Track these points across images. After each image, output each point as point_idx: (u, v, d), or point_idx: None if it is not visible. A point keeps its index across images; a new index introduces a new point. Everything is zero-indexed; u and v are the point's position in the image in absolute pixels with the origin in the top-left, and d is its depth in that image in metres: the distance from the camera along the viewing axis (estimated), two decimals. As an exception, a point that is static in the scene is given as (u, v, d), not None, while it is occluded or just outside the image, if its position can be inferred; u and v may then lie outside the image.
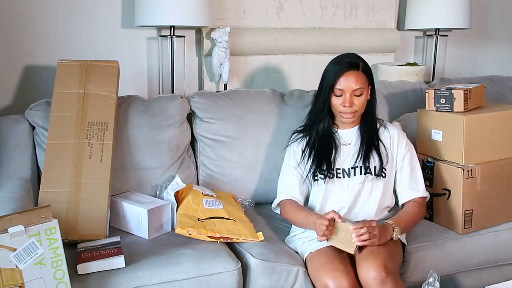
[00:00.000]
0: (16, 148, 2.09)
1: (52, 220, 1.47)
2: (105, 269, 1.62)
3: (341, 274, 1.65)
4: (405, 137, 1.99)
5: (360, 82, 1.84)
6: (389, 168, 1.93)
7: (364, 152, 1.90)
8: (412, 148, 2.00)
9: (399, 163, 1.95)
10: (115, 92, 2.04)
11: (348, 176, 1.91)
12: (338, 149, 1.92)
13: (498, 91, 2.87)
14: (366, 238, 1.68)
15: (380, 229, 1.72)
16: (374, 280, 1.61)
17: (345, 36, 2.88)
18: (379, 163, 1.90)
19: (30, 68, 2.40)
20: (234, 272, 1.72)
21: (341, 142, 1.94)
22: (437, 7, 2.86)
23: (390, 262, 1.67)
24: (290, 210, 1.92)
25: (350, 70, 1.84)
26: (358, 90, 1.84)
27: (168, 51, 2.52)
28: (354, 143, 1.93)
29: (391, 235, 1.76)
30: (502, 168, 2.10)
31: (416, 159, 1.99)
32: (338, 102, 1.87)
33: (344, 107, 1.86)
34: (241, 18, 2.69)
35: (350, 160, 1.92)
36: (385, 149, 1.93)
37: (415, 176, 1.97)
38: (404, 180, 1.96)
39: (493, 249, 2.08)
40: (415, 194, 1.95)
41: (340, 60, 1.89)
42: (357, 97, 1.85)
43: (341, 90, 1.84)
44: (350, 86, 1.83)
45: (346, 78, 1.83)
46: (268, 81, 2.76)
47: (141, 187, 2.14)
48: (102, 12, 2.47)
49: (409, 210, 1.91)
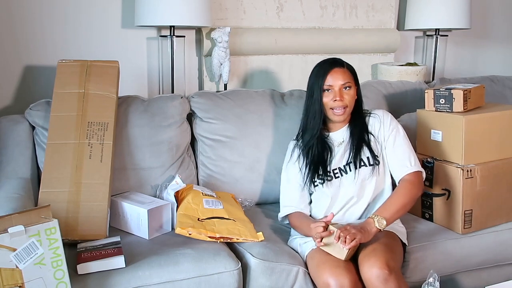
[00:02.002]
0: (16, 148, 2.10)
1: (52, 220, 1.47)
2: (105, 269, 1.62)
3: (342, 271, 1.65)
4: (389, 116, 2.00)
5: (347, 77, 1.91)
6: (380, 153, 1.96)
7: (355, 148, 1.93)
8: (398, 126, 1.99)
9: (384, 142, 1.96)
10: (115, 92, 2.04)
11: (345, 173, 1.93)
12: (332, 152, 1.96)
13: (498, 91, 2.87)
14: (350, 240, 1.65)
15: (357, 227, 1.71)
16: (377, 278, 1.61)
17: (345, 36, 2.88)
18: (370, 154, 1.93)
19: (30, 68, 2.40)
20: (234, 272, 1.72)
21: (335, 143, 1.98)
22: (437, 7, 2.86)
23: (392, 260, 1.67)
24: (296, 221, 1.94)
25: (336, 67, 1.91)
26: (346, 84, 1.90)
27: (168, 51, 2.52)
28: (346, 141, 1.97)
29: (373, 226, 1.74)
30: (502, 168, 2.10)
31: (402, 136, 1.97)
32: (329, 98, 1.91)
33: (335, 102, 1.90)
34: (241, 18, 2.69)
35: (344, 158, 1.95)
36: (374, 139, 1.96)
37: (402, 151, 1.94)
38: (391, 157, 1.95)
39: (493, 249, 2.08)
40: (405, 170, 1.91)
41: (324, 61, 1.97)
42: (346, 91, 1.91)
43: (330, 86, 1.90)
44: (338, 82, 1.90)
45: (333, 75, 1.90)
46: (268, 81, 2.76)
47: (141, 187, 2.14)
48: (102, 12, 2.47)
49: (395, 194, 1.87)
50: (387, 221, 1.76)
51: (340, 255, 1.69)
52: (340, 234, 1.67)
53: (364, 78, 2.92)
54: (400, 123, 2.02)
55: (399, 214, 1.84)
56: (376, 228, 1.74)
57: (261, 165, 2.28)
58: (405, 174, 1.91)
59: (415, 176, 1.92)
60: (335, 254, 1.70)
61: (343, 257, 1.69)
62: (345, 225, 1.74)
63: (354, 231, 1.68)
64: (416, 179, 1.92)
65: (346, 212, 1.93)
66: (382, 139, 1.97)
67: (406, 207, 1.86)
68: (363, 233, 1.70)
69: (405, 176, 1.91)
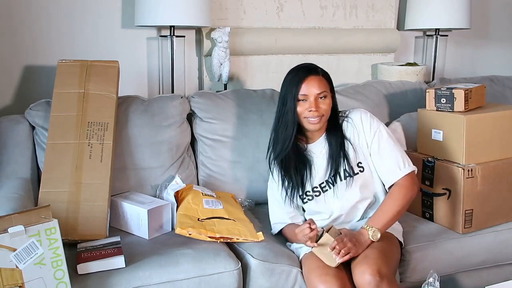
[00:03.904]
0: (16, 148, 2.09)
1: (52, 220, 1.47)
2: (105, 269, 1.62)
3: (331, 278, 1.65)
4: (367, 118, 1.88)
5: (323, 85, 1.81)
6: (364, 159, 1.88)
7: (334, 162, 1.87)
8: (380, 126, 1.88)
9: (368, 149, 1.88)
10: (115, 92, 2.04)
11: (332, 185, 1.89)
12: (312, 166, 1.90)
13: (498, 91, 2.87)
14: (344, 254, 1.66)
15: (352, 239, 1.70)
16: (369, 285, 1.60)
17: (345, 36, 2.88)
18: (347, 165, 1.86)
19: (30, 68, 2.40)
20: (234, 272, 1.72)
21: (315, 155, 1.91)
22: (437, 7, 2.86)
23: (385, 266, 1.65)
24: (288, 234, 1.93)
25: (311, 75, 1.80)
26: (322, 93, 1.80)
27: (168, 51, 2.52)
28: (324, 153, 1.90)
29: (367, 238, 1.74)
30: (502, 168, 2.10)
31: (386, 137, 1.87)
32: (303, 108, 1.81)
33: (310, 112, 1.80)
34: (241, 18, 2.69)
35: (326, 171, 1.89)
36: (353, 147, 1.88)
37: (389, 156, 1.85)
38: (379, 164, 1.87)
39: (493, 249, 2.08)
40: (396, 176, 1.84)
41: (298, 68, 1.86)
42: (322, 100, 1.81)
43: (305, 95, 1.80)
44: (313, 91, 1.79)
45: (308, 84, 1.80)
46: (268, 81, 2.76)
47: (141, 187, 2.14)
48: (102, 12, 2.47)
49: (389, 200, 1.82)
50: (381, 232, 1.76)
51: (331, 263, 1.70)
52: (336, 246, 1.67)
53: (364, 78, 2.92)
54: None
55: (393, 221, 1.82)
56: (370, 240, 1.74)
57: (261, 165, 2.27)
58: (397, 179, 1.84)
59: (408, 179, 1.84)
60: (326, 261, 1.70)
61: (334, 265, 1.69)
62: (341, 236, 1.72)
63: (349, 245, 1.68)
64: (409, 181, 1.85)
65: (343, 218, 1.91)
66: (364, 145, 1.88)
67: (401, 212, 1.82)
68: (357, 246, 1.70)
69: (398, 180, 1.84)
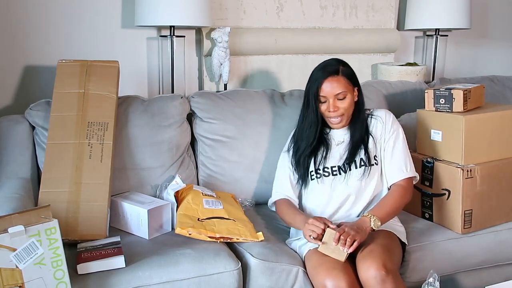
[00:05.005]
0: (16, 148, 2.10)
1: (52, 220, 1.47)
2: (105, 269, 1.62)
3: (339, 273, 1.65)
4: (391, 118, 2.00)
5: (341, 86, 1.89)
6: (379, 154, 1.97)
7: (352, 150, 1.94)
8: (399, 129, 1.99)
9: (384, 144, 1.97)
10: (115, 92, 2.04)
11: (343, 172, 1.94)
12: (329, 148, 1.97)
13: (498, 91, 2.87)
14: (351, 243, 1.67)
15: (354, 227, 1.73)
16: (375, 279, 1.61)
17: (345, 36, 2.88)
18: (364, 155, 1.93)
19: (30, 68, 2.40)
20: (234, 272, 1.72)
21: (334, 141, 1.99)
22: (437, 7, 2.86)
23: (390, 261, 1.67)
24: (282, 208, 1.98)
25: (330, 77, 1.89)
26: (340, 94, 1.89)
27: (168, 51, 2.52)
28: (346, 142, 1.97)
29: (368, 225, 1.76)
30: (501, 168, 2.10)
31: (401, 139, 1.97)
32: (323, 108, 1.92)
33: (329, 112, 1.91)
34: (241, 18, 2.69)
35: (341, 158, 1.95)
36: (374, 140, 1.96)
37: (400, 156, 1.95)
38: (388, 160, 1.96)
39: (492, 249, 2.08)
40: (401, 175, 1.93)
41: (320, 67, 1.94)
42: (340, 101, 1.90)
43: (324, 96, 1.90)
44: (332, 92, 1.88)
45: (326, 85, 1.89)
46: (268, 81, 2.76)
47: (141, 187, 2.14)
48: (102, 12, 2.47)
49: (390, 197, 1.90)
50: (381, 222, 1.78)
51: (339, 257, 1.69)
52: (340, 237, 1.67)
53: (364, 78, 2.92)
54: (400, 123, 2.02)
55: (391, 217, 1.88)
56: (370, 228, 1.76)
57: (261, 165, 2.28)
58: (400, 179, 1.93)
59: (408, 183, 1.94)
60: (334, 256, 1.70)
61: (343, 259, 1.69)
62: (342, 227, 1.73)
63: (353, 233, 1.69)
64: (409, 184, 1.95)
65: (343, 210, 1.93)
66: (382, 141, 1.97)
67: (397, 211, 1.91)
68: (360, 233, 1.71)
69: (400, 181, 1.93)
